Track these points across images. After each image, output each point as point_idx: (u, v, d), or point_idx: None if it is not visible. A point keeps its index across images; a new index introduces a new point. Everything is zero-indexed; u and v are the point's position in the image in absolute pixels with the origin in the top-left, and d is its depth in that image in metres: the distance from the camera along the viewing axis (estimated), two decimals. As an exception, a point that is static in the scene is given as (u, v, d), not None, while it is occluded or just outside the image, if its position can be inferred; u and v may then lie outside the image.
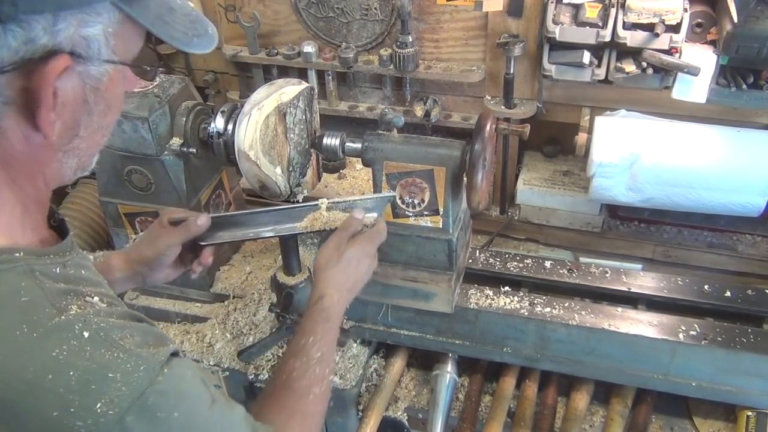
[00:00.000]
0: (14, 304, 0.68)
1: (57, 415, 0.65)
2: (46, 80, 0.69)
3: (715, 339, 1.48)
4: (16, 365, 0.66)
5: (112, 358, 0.70)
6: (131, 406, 0.68)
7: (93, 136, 0.81)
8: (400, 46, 1.81)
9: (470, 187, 1.37)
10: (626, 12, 1.54)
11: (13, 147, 0.73)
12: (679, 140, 1.67)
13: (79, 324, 0.70)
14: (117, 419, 0.67)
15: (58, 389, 0.66)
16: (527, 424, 1.58)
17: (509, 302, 1.59)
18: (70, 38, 0.70)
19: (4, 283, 0.69)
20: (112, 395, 0.67)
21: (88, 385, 0.67)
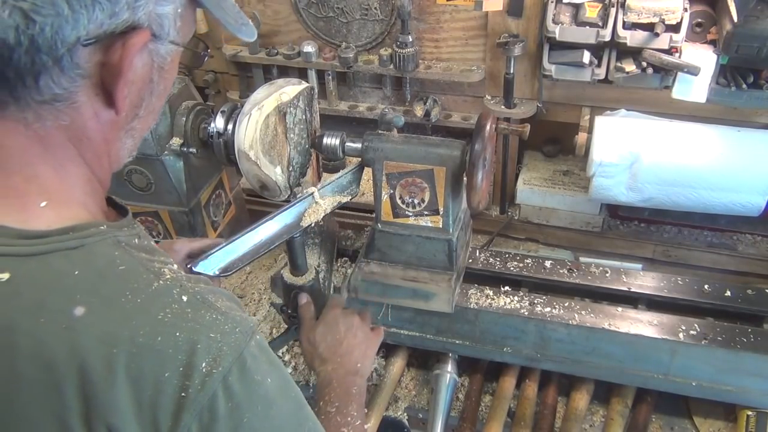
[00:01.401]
0: (114, 274, 0.71)
1: (168, 375, 0.67)
2: (128, 53, 0.71)
3: (715, 339, 1.48)
4: (128, 330, 0.67)
5: (212, 319, 0.72)
6: (232, 365, 0.70)
7: (148, 117, 0.83)
8: (400, 46, 1.81)
9: (470, 187, 1.37)
10: (626, 12, 1.54)
11: (85, 123, 0.74)
12: (679, 140, 1.67)
13: (177, 288, 0.72)
14: (221, 378, 0.69)
15: (167, 350, 0.68)
16: (527, 423, 1.58)
17: (509, 302, 1.59)
18: (147, 15, 0.71)
19: (99, 255, 0.71)
20: (215, 354, 0.69)
21: (194, 345, 0.69)
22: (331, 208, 1.45)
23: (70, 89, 0.70)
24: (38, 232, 0.70)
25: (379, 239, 1.53)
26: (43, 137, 0.72)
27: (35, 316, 0.66)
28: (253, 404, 0.72)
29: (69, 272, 0.69)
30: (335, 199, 1.47)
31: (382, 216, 1.50)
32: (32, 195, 0.72)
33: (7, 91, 0.67)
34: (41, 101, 0.69)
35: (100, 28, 0.68)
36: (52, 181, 0.73)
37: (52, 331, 0.66)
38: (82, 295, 0.68)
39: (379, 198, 1.48)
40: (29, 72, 0.66)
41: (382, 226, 1.52)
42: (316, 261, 1.63)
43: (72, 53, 0.67)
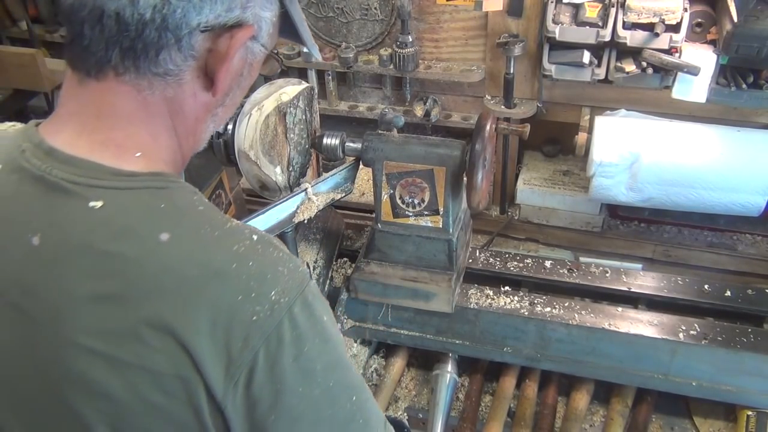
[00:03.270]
0: (195, 211, 0.79)
1: (241, 299, 0.73)
2: (235, 44, 0.81)
3: (715, 339, 1.48)
4: (207, 256, 0.74)
5: (279, 256, 0.79)
6: (297, 297, 0.76)
7: (230, 108, 0.92)
8: (400, 46, 1.81)
9: (470, 187, 1.38)
10: (626, 12, 1.54)
11: (185, 100, 0.83)
12: (679, 140, 1.67)
13: (247, 230, 0.80)
14: (287, 307, 0.75)
15: (241, 276, 0.74)
16: (527, 423, 1.58)
17: (509, 302, 1.59)
18: (253, 15, 0.82)
19: (181, 197, 0.80)
20: (283, 286, 0.75)
21: (265, 275, 0.75)
22: (324, 204, 1.46)
23: (181, 67, 0.79)
24: (131, 172, 0.78)
25: (379, 239, 1.53)
26: (149, 104, 0.80)
27: (125, 239, 0.73)
28: (313, 336, 0.78)
29: (156, 206, 0.77)
30: (329, 196, 1.47)
31: (382, 216, 1.50)
32: (129, 147, 0.80)
33: (131, 61, 0.77)
34: (156, 73, 0.78)
35: (217, 19, 0.78)
36: (147, 142, 0.82)
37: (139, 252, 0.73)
38: (167, 224, 0.75)
39: (379, 198, 1.48)
40: (154, 46, 0.76)
41: (382, 226, 1.52)
42: (314, 257, 1.63)
43: (191, 36, 0.77)
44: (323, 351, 0.79)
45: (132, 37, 0.75)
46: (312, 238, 1.67)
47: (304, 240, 1.65)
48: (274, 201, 1.42)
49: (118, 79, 0.78)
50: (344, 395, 0.82)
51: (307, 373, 0.77)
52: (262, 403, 0.74)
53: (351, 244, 1.77)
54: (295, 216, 1.43)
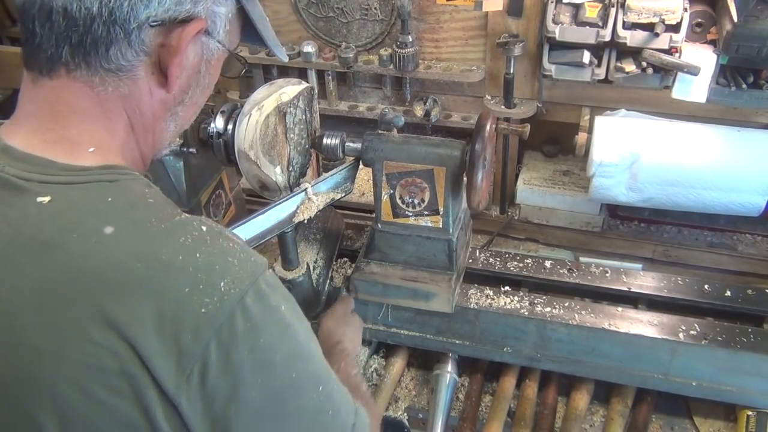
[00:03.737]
0: (144, 204, 0.80)
1: (188, 291, 0.72)
2: (185, 36, 0.82)
3: (715, 339, 1.48)
4: (152, 249, 0.74)
5: (229, 246, 0.78)
6: (249, 287, 0.75)
7: (190, 108, 0.93)
8: (400, 46, 1.81)
9: (470, 187, 1.37)
10: (626, 12, 1.54)
11: (140, 96, 0.84)
12: (679, 140, 1.67)
13: (196, 222, 0.80)
14: (238, 298, 0.74)
15: (188, 268, 0.73)
16: (527, 423, 1.58)
17: (509, 302, 1.59)
18: (205, 10, 0.84)
19: (132, 189, 0.81)
20: (233, 276, 0.75)
21: (213, 266, 0.75)
22: (324, 204, 1.46)
23: (133, 62, 0.80)
24: (82, 167, 0.80)
25: (379, 239, 1.53)
26: (103, 101, 0.82)
27: (69, 233, 0.74)
28: (270, 326, 0.77)
29: (103, 199, 0.77)
30: (329, 196, 1.48)
31: (382, 216, 1.50)
32: (83, 143, 0.81)
33: (81, 57, 0.78)
34: (107, 69, 0.79)
35: (167, 13, 0.79)
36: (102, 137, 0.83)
37: (84, 246, 0.73)
38: (112, 217, 0.76)
39: (379, 198, 1.48)
40: (103, 41, 0.77)
41: (382, 226, 1.52)
42: (314, 257, 1.63)
43: (140, 30, 0.79)
44: (282, 341, 0.78)
45: (81, 32, 0.77)
46: (312, 238, 1.67)
47: (304, 240, 1.65)
48: (274, 201, 1.42)
49: (70, 75, 0.80)
50: (309, 386, 0.81)
51: (265, 365, 0.76)
52: (220, 397, 0.73)
53: (351, 244, 1.77)
54: (295, 216, 1.43)
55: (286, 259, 1.50)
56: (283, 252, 1.49)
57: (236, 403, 0.73)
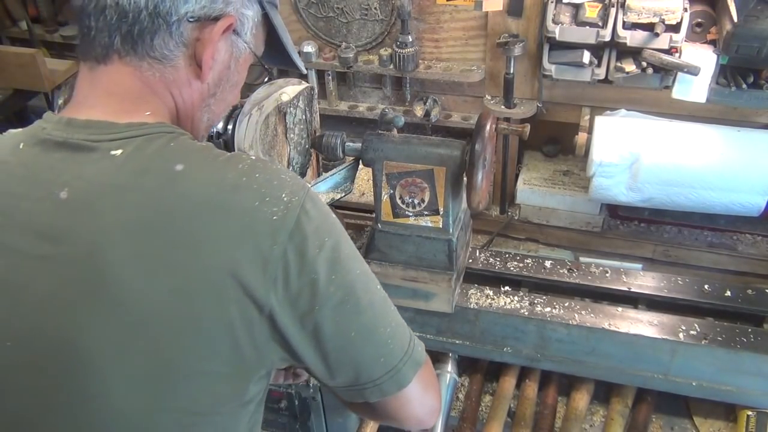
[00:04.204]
0: (196, 148, 0.88)
1: (258, 204, 0.82)
2: (217, 30, 0.92)
3: (715, 339, 1.48)
4: (218, 175, 0.84)
5: (278, 170, 0.88)
6: (305, 196, 0.85)
7: (221, 103, 1.02)
8: (400, 46, 1.81)
9: (470, 187, 1.37)
10: (626, 12, 1.54)
11: (182, 84, 0.94)
12: (679, 140, 1.67)
13: (245, 155, 0.89)
14: (299, 204, 0.84)
15: (252, 185, 0.83)
16: (527, 423, 1.58)
17: (509, 302, 1.59)
18: (236, 11, 0.94)
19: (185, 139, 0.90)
20: (290, 188, 0.85)
21: (272, 181, 0.84)
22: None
23: (174, 52, 0.91)
24: (142, 123, 0.88)
25: (379, 239, 1.53)
26: (152, 84, 0.91)
27: (143, 175, 0.82)
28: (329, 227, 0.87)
29: (167, 145, 0.86)
30: (328, 196, 1.48)
31: (382, 216, 1.50)
32: (140, 110, 0.90)
33: (130, 45, 0.89)
34: (153, 56, 0.90)
35: (202, 10, 0.90)
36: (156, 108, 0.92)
37: (159, 184, 0.82)
38: (179, 157, 0.84)
39: (379, 198, 1.48)
40: (148, 31, 0.88)
41: (382, 226, 1.52)
42: None
43: (180, 24, 0.89)
44: (340, 242, 0.88)
45: (130, 23, 0.87)
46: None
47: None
48: None
49: (122, 61, 0.90)
50: (372, 281, 0.93)
51: (335, 261, 0.85)
52: (304, 296, 0.82)
53: (351, 244, 1.77)
54: None
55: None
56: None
57: (318, 298, 0.83)
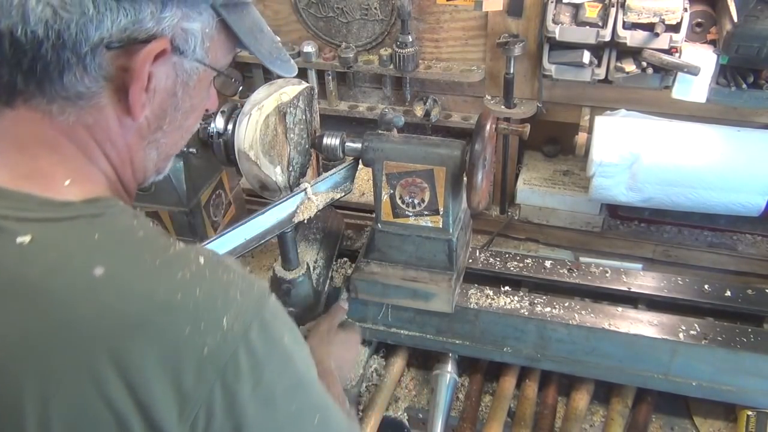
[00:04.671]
0: (134, 239, 0.74)
1: (189, 331, 0.68)
2: (144, 59, 0.74)
3: (715, 339, 1.48)
4: (147, 288, 0.69)
5: (230, 278, 0.73)
6: (252, 321, 0.71)
7: (174, 133, 0.87)
8: (400, 46, 1.81)
9: (470, 187, 1.37)
10: (626, 12, 1.54)
11: (108, 126, 0.77)
12: (679, 140, 1.67)
13: (193, 252, 0.74)
14: (242, 333, 0.70)
15: (188, 306, 0.69)
16: (527, 423, 1.58)
17: (509, 302, 1.59)
18: (172, 28, 0.75)
19: (119, 223, 0.75)
20: (235, 311, 0.71)
21: (215, 301, 0.70)
22: (324, 204, 1.46)
23: (93, 89, 0.73)
24: (63, 201, 0.73)
25: (379, 239, 1.53)
26: (68, 131, 0.75)
27: (55, 277, 0.68)
28: (273, 360, 0.73)
29: (90, 236, 0.71)
30: (328, 196, 1.48)
31: (382, 216, 1.50)
32: (57, 176, 0.75)
33: (34, 83, 0.72)
34: (65, 97, 0.73)
35: (123, 33, 0.71)
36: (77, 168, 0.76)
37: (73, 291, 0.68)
38: (102, 256, 0.70)
39: (379, 198, 1.48)
40: (55, 67, 0.70)
41: (382, 226, 1.52)
42: (314, 257, 1.63)
43: (95, 54, 0.71)
44: (283, 374, 0.75)
45: (29, 57, 0.69)
46: (312, 238, 1.67)
47: (304, 240, 1.65)
48: (274, 201, 1.42)
49: (28, 105, 0.73)
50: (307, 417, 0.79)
51: (267, 401, 0.73)
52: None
53: (351, 244, 1.77)
54: (295, 216, 1.43)
55: (286, 259, 1.50)
56: (283, 252, 1.49)
57: None
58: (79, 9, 0.68)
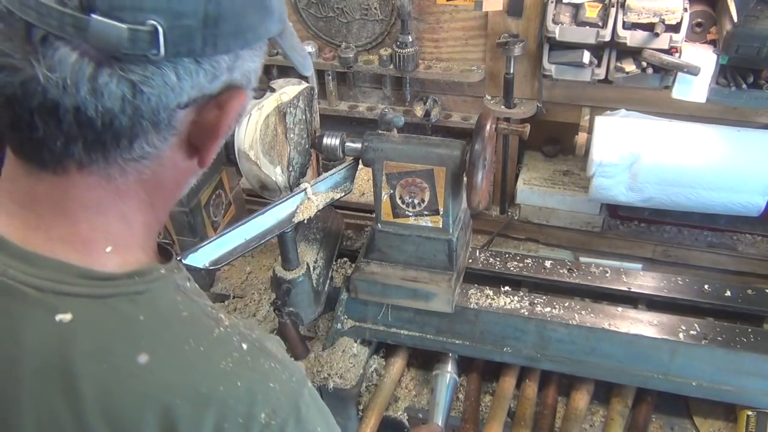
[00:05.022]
0: (178, 319, 0.70)
1: (227, 426, 0.66)
2: (228, 118, 0.71)
3: (715, 339, 1.48)
4: (191, 379, 0.67)
5: (271, 368, 0.72)
6: (289, 415, 0.70)
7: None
8: (400, 46, 1.81)
9: (470, 187, 1.38)
10: (626, 12, 1.54)
11: (165, 174, 0.73)
12: (679, 140, 1.67)
13: (237, 336, 0.72)
14: (278, 429, 0.69)
15: (228, 400, 0.67)
16: (527, 423, 1.58)
17: (509, 302, 1.59)
18: (242, 74, 0.71)
19: (163, 300, 0.71)
20: (273, 405, 0.69)
21: (255, 395, 0.69)
22: (324, 204, 1.46)
23: (160, 147, 0.69)
24: (105, 274, 0.69)
25: (379, 239, 1.53)
26: (121, 190, 0.71)
27: (98, 363, 0.65)
28: None
29: (134, 317, 0.68)
30: (328, 196, 1.48)
31: (382, 216, 1.50)
32: (98, 241, 0.70)
33: (100, 153, 0.66)
34: (130, 159, 0.68)
35: (200, 92, 0.67)
36: (119, 229, 0.72)
37: (116, 378, 0.65)
38: (146, 341, 0.67)
39: (379, 198, 1.48)
40: (126, 135, 0.65)
41: (382, 226, 1.52)
42: (314, 257, 1.63)
43: (171, 117, 0.67)
44: None
45: (98, 130, 0.64)
46: (312, 238, 1.67)
47: (304, 240, 1.65)
48: (274, 201, 1.42)
49: (83, 171, 0.67)
50: None
51: None
52: None
53: (351, 244, 1.77)
54: (294, 216, 1.43)
55: (286, 259, 1.50)
56: (283, 252, 1.49)
57: None
58: (162, 80, 0.63)
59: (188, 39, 0.62)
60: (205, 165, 0.75)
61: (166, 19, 0.60)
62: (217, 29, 0.63)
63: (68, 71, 0.60)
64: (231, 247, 1.35)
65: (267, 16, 0.71)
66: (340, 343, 1.67)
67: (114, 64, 0.60)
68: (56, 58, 0.59)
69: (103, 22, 0.58)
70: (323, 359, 1.64)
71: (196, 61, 0.64)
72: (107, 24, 0.58)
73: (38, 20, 0.58)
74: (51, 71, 0.59)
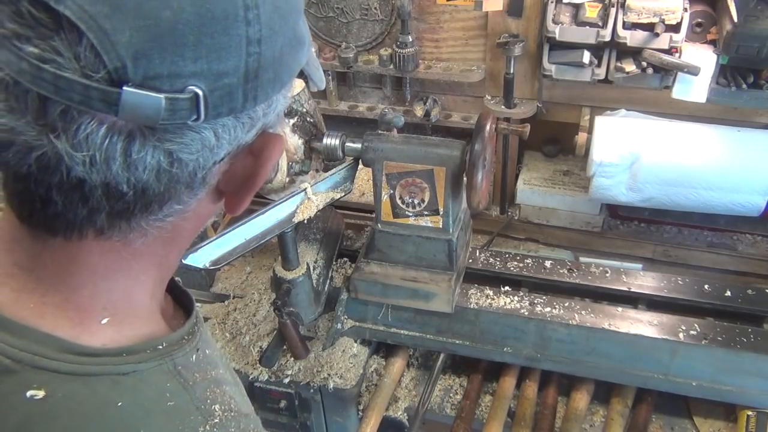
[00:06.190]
0: (162, 411, 0.63)
1: None
2: (264, 166, 0.65)
3: (715, 339, 1.48)
4: None
5: None
6: None
7: None
8: (400, 46, 1.81)
9: (470, 187, 1.38)
10: (626, 12, 1.54)
11: (186, 225, 0.67)
12: (679, 140, 1.67)
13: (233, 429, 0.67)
14: None
15: None
16: (527, 423, 1.58)
17: (509, 302, 1.59)
18: (276, 115, 0.64)
19: (151, 386, 0.63)
20: None
21: None
22: (324, 204, 1.46)
23: (190, 203, 0.62)
24: (90, 350, 0.62)
25: (379, 239, 1.53)
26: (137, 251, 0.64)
27: None
28: None
29: (112, 402, 0.60)
30: (328, 195, 1.48)
31: (382, 216, 1.50)
32: (94, 310, 0.64)
33: (125, 221, 0.59)
34: (154, 219, 0.61)
35: (237, 145, 0.61)
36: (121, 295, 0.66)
37: None
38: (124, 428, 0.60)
39: (379, 198, 1.48)
40: (158, 201, 0.59)
41: (382, 226, 1.52)
42: (314, 257, 1.63)
43: (206, 175, 0.61)
44: None
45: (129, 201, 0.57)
46: (312, 238, 1.67)
47: (304, 240, 1.65)
48: (274, 201, 1.42)
49: (101, 237, 0.60)
50: None
51: None
52: None
53: (351, 244, 1.77)
54: (295, 216, 1.43)
55: (286, 259, 1.50)
56: (283, 252, 1.49)
57: None
58: (200, 144, 0.56)
59: (229, 99, 0.56)
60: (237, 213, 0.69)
61: (206, 82, 0.53)
62: (257, 81, 0.57)
63: (97, 148, 0.52)
64: (231, 247, 1.35)
65: (300, 50, 0.64)
66: (340, 343, 1.67)
67: (148, 135, 0.53)
68: (81, 135, 0.51)
69: (138, 94, 0.50)
70: (323, 359, 1.64)
71: (235, 116, 0.58)
72: (142, 95, 0.51)
73: (56, 94, 0.50)
74: (76, 149, 0.51)
